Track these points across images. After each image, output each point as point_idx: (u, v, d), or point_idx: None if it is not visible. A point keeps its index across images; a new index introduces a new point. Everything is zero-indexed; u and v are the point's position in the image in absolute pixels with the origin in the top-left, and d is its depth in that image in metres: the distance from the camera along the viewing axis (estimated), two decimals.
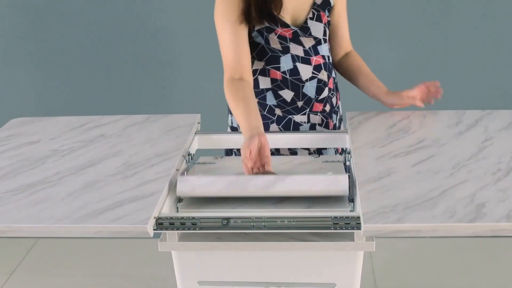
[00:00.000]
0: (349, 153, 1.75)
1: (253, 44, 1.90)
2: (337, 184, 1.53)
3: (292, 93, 1.93)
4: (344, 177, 1.54)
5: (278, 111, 1.96)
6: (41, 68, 3.16)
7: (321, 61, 1.95)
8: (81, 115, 2.10)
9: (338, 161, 1.81)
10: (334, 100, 2.03)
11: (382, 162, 1.63)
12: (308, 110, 1.96)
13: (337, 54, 2.08)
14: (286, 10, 1.88)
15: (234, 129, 2.03)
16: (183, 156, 1.75)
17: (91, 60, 3.14)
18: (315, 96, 1.95)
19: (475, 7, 2.93)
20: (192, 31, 3.03)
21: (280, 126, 1.96)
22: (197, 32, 3.08)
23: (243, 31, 1.84)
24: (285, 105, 1.95)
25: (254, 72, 1.94)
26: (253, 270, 1.55)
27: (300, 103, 1.95)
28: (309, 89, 1.94)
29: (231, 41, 1.82)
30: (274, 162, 1.73)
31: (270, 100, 1.95)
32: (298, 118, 1.96)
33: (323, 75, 1.95)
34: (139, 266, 3.03)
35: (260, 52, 1.91)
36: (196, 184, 1.57)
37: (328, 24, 1.97)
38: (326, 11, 1.94)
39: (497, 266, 2.92)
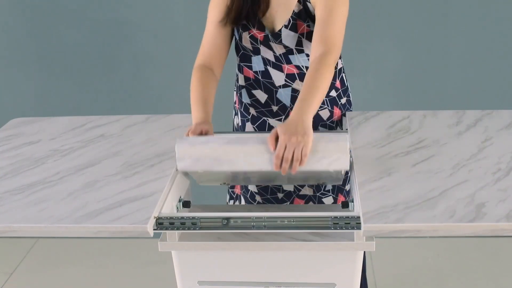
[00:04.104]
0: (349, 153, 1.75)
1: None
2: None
3: (266, 96, 1.92)
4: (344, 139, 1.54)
5: (252, 111, 1.95)
6: (41, 68, 3.16)
7: (295, 71, 1.87)
8: (81, 115, 2.11)
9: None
10: (322, 113, 1.93)
11: (382, 162, 1.63)
12: (283, 116, 1.92)
13: (311, 55, 1.75)
14: (266, 16, 1.84)
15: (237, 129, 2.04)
16: None
17: (91, 60, 3.13)
18: (290, 105, 1.91)
19: (475, 6, 2.93)
20: (193, 31, 3.03)
21: (255, 126, 1.96)
22: (198, 32, 3.07)
23: (227, 27, 1.85)
24: (259, 105, 1.93)
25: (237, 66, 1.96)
26: (253, 270, 1.55)
27: (275, 108, 1.92)
28: (284, 96, 1.90)
29: (212, 32, 1.85)
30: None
31: (245, 97, 1.95)
32: (273, 122, 1.94)
33: (298, 85, 1.88)
34: (139, 266, 3.03)
35: (236, 47, 1.92)
36: (196, 142, 1.56)
37: (308, 34, 1.82)
38: (308, 19, 1.81)
39: (497, 266, 2.92)
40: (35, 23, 3.09)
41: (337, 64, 1.92)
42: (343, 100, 1.96)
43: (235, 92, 2.03)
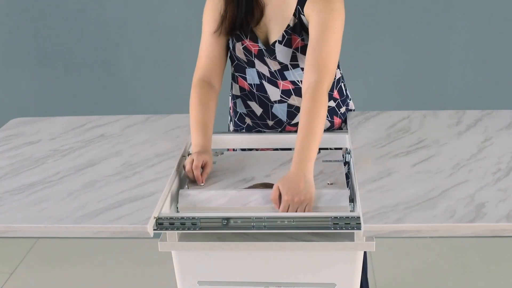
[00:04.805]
0: (349, 153, 1.75)
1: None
2: (338, 199, 1.54)
3: (261, 109, 1.90)
4: (345, 192, 1.55)
5: (248, 120, 1.94)
6: (41, 68, 3.16)
7: (290, 86, 1.85)
8: (81, 115, 2.10)
9: (338, 160, 1.80)
10: None
11: (382, 162, 1.63)
12: (279, 130, 1.92)
13: (304, 80, 1.72)
14: (259, 25, 1.80)
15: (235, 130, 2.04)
16: (183, 156, 1.75)
17: (91, 60, 3.13)
18: (286, 120, 1.90)
19: (475, 7, 2.93)
20: (192, 31, 3.03)
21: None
22: (197, 32, 3.07)
23: (223, 38, 1.82)
24: (255, 117, 1.93)
25: (231, 75, 1.94)
26: (253, 270, 1.55)
27: (270, 122, 1.91)
28: (279, 112, 1.89)
29: (209, 43, 1.82)
30: (272, 158, 1.75)
31: (240, 107, 1.94)
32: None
33: (293, 100, 1.87)
34: (139, 266, 3.03)
35: (231, 57, 1.89)
36: (197, 200, 1.58)
37: (303, 48, 1.78)
38: (303, 33, 1.76)
39: (497, 266, 2.92)
40: (35, 23, 3.09)
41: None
42: (343, 109, 1.96)
43: (230, 97, 2.02)
